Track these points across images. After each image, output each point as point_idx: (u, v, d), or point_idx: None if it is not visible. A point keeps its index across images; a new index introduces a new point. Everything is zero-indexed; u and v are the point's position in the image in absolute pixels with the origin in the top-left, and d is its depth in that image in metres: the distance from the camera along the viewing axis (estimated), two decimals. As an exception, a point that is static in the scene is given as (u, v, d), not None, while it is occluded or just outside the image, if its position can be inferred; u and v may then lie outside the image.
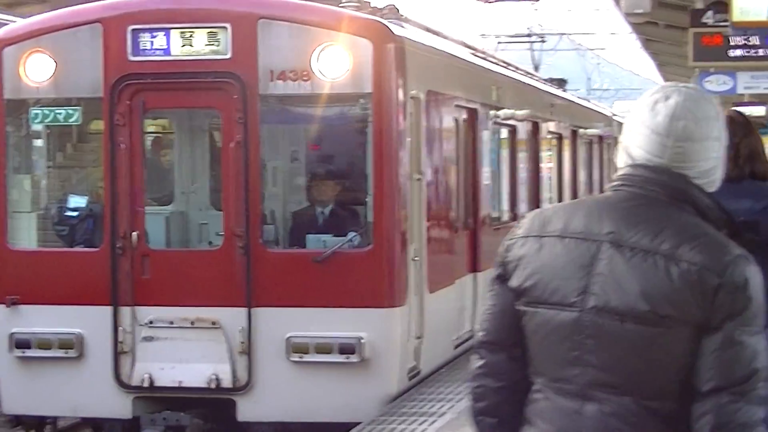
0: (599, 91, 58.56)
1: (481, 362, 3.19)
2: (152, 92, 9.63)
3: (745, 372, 2.77)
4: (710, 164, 3.01)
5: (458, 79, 12.68)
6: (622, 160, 3.11)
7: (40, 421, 10.10)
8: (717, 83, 18.90)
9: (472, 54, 14.58)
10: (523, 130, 16.27)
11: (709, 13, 16.74)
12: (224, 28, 9.30)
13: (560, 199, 19.24)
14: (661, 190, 2.94)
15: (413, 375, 9.98)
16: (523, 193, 16.33)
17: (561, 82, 24.20)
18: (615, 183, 3.05)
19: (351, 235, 9.64)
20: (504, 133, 15.34)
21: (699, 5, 17.95)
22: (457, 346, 11.67)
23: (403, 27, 10.81)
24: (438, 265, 10.82)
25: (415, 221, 10.11)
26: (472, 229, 12.70)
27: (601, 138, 24.71)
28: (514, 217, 15.13)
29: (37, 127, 10.43)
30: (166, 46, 9.42)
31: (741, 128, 4.85)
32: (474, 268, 12.57)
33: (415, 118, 10.16)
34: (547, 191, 18.80)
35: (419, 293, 10.06)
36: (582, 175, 22.80)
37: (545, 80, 23.17)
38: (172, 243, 10.32)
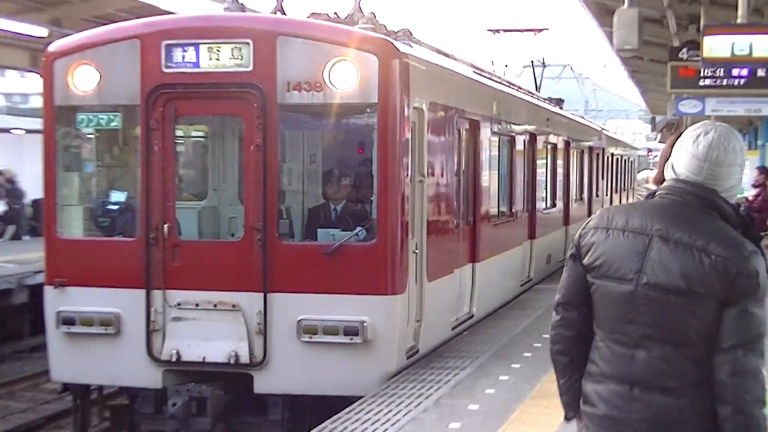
0: (594, 111, 63.88)
1: (558, 317, 4.16)
2: (183, 100, 10.26)
3: (755, 334, 3.74)
4: (732, 183, 3.95)
5: (460, 93, 13.24)
6: (668, 175, 4.08)
7: (84, 389, 10.99)
8: (689, 106, 21.33)
9: (476, 73, 15.31)
10: (521, 139, 17.41)
11: (684, 50, 19.30)
12: (247, 43, 9.93)
13: (554, 199, 21.18)
14: (696, 200, 3.91)
15: (412, 354, 10.65)
16: (519, 194, 17.27)
17: (558, 101, 26.02)
18: (662, 192, 4.03)
19: (357, 230, 10.18)
20: (504, 141, 16.26)
21: (676, 44, 20.91)
22: (454, 327, 12.56)
23: (411, 46, 11.39)
24: (437, 257, 11.46)
25: (416, 218, 10.74)
26: (472, 225, 13.47)
27: (591, 148, 26.60)
28: (512, 214, 16.57)
29: (84, 130, 11.15)
30: (195, 60, 10.04)
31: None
32: (473, 259, 13.41)
33: (418, 126, 10.73)
34: (542, 193, 19.91)
35: (419, 282, 10.75)
36: (574, 179, 24.30)
37: (544, 99, 24.72)
38: (204, 234, 11.05)
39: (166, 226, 10.07)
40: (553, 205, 21.42)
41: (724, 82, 18.03)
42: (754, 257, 3.84)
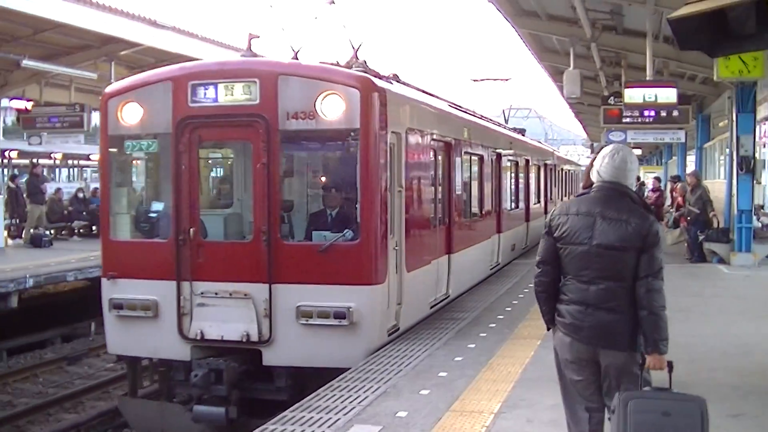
0: (551, 139, 70.40)
1: (539, 270, 6.10)
2: (205, 128, 11.32)
3: (657, 268, 5.67)
4: (632, 180, 5.97)
5: (435, 121, 14.37)
6: (595, 178, 6.01)
7: (133, 360, 12.07)
8: (616, 136, 23.86)
9: (450, 106, 16.82)
10: (489, 157, 19.25)
11: (612, 98, 23.09)
12: (255, 82, 11.04)
13: (516, 203, 23.93)
14: (615, 192, 5.88)
15: (394, 331, 11.64)
16: (488, 199, 19.06)
17: (521, 130, 28.78)
18: (595, 189, 5.99)
19: (345, 232, 11.04)
20: (474, 159, 17.93)
21: (606, 93, 25.32)
22: (432, 306, 13.77)
23: (391, 83, 12.42)
24: (415, 252, 12.43)
25: (395, 221, 11.66)
26: (447, 224, 14.73)
27: (546, 164, 30.48)
28: (482, 215, 18.52)
29: (133, 154, 12.46)
30: (214, 96, 11.18)
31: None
32: (449, 251, 14.72)
33: (397, 147, 11.73)
34: (507, 197, 22.13)
35: (399, 272, 11.72)
36: (532, 187, 27.08)
37: (510, 128, 27.68)
38: (229, 236, 11.89)
39: (191, 229, 11.20)
40: (516, 206, 24.10)
41: (639, 120, 21.59)
42: (655, 223, 5.84)
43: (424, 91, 15.19)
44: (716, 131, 30.79)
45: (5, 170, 37.49)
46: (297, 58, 12.35)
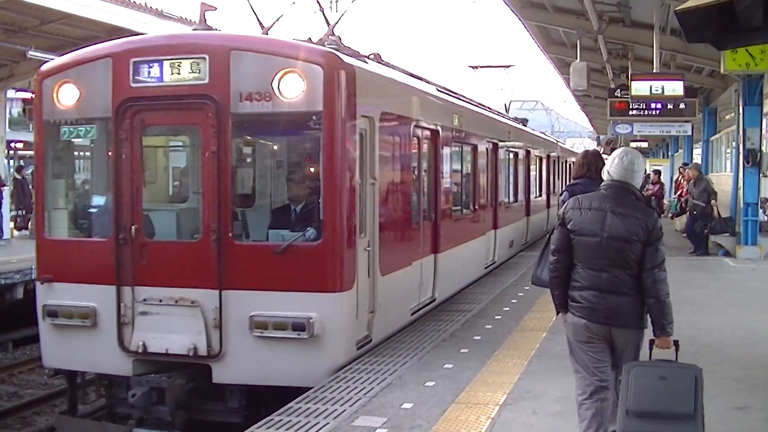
0: (558, 132, 70.45)
1: (554, 257, 6.65)
2: (148, 112, 10.01)
3: (661, 260, 6.29)
4: (638, 180, 6.62)
5: (418, 106, 13.05)
6: (606, 177, 6.63)
7: (72, 373, 10.78)
8: (622, 128, 25.56)
9: (439, 90, 15.39)
10: (483, 147, 18.10)
11: (618, 90, 23.26)
12: (204, 58, 9.72)
13: (516, 196, 22.92)
14: (623, 190, 6.49)
15: (365, 343, 10.37)
16: (482, 192, 17.91)
17: (523, 120, 28.41)
18: (606, 186, 6.58)
19: (306, 230, 9.79)
20: (465, 149, 16.69)
21: (613, 86, 25.28)
22: (414, 312, 12.50)
23: (366, 62, 11.36)
24: (391, 253, 11.24)
25: (368, 218, 10.47)
26: (434, 221, 13.54)
27: (549, 156, 30.20)
28: (475, 210, 17.28)
29: (68, 141, 10.94)
30: (159, 75, 9.87)
31: (594, 156, 9.22)
32: (435, 250, 13.52)
33: (369, 133, 10.51)
34: (504, 191, 20.95)
35: (372, 276, 10.52)
36: (534, 180, 26.32)
37: (510, 118, 26.81)
38: (183, 234, 10.62)
39: (133, 227, 9.95)
40: (516, 200, 23.00)
41: (646, 112, 21.82)
42: (657, 219, 6.55)
43: (411, 74, 14.12)
44: (723, 124, 30.81)
45: (11, 161, 37.52)
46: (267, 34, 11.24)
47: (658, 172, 30.79)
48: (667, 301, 6.42)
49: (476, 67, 34.69)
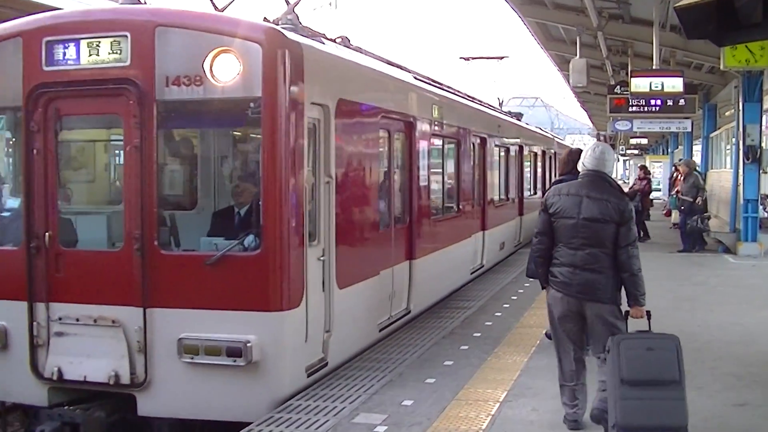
0: (558, 129, 70.79)
1: (537, 239, 7.50)
2: (64, 100, 8.62)
3: (634, 237, 7.20)
4: (610, 169, 7.45)
5: (387, 93, 11.75)
6: (581, 168, 7.46)
7: None
8: (622, 125, 25.84)
9: (417, 78, 13.95)
10: (469, 141, 16.58)
11: (618, 87, 23.29)
12: (125, 36, 8.38)
13: (507, 194, 21.60)
14: (597, 177, 7.33)
15: (318, 368, 9.03)
16: (468, 191, 16.53)
17: (518, 114, 27.70)
18: (582, 175, 7.42)
19: (242, 237, 8.43)
20: (448, 143, 15.24)
21: (612, 82, 25.52)
22: (384, 328, 11.18)
23: (323, 43, 10.00)
24: (351, 262, 9.87)
25: (322, 223, 9.17)
26: (408, 224, 12.26)
27: (545, 152, 29.18)
28: (459, 210, 15.85)
29: None
30: (75, 56, 8.52)
31: (578, 154, 8.68)
32: (410, 256, 12.21)
33: (324, 124, 9.24)
34: (495, 189, 19.61)
35: (328, 289, 9.25)
36: (529, 176, 25.49)
37: (503, 111, 25.59)
38: (114, 242, 8.97)
39: (47, 234, 8.62)
40: (507, 199, 21.59)
41: (645, 109, 21.83)
42: (628, 202, 7.43)
43: (388, 62, 12.91)
44: (723, 120, 30.85)
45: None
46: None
47: (644, 168, 30.77)
48: (639, 275, 7.23)
49: (468, 59, 33.22)
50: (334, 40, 11.07)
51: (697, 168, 25.69)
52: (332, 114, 9.38)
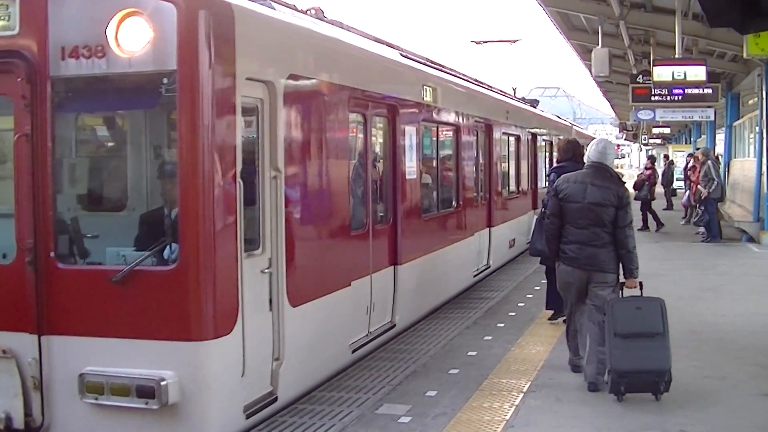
0: (580, 119, 70.51)
1: (549, 220, 8.92)
2: None
3: (630, 220, 8.62)
4: (611, 161, 8.96)
5: (361, 71, 9.99)
6: (587, 160, 8.96)
7: None
8: (645, 114, 26.15)
9: (404, 56, 12.30)
10: (472, 129, 14.95)
11: (640, 76, 23.75)
12: None
13: (518, 187, 20.25)
14: (600, 168, 8.74)
15: (263, 406, 7.42)
16: (470, 184, 14.95)
17: (533, 101, 27.21)
18: (587, 166, 8.89)
19: (154, 248, 6.81)
20: (443, 131, 13.78)
21: (634, 72, 26.01)
22: (357, 349, 9.58)
23: (272, 8, 8.42)
24: (310, 273, 8.29)
25: (267, 226, 7.53)
26: (391, 224, 10.72)
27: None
28: (459, 206, 14.18)
29: None
30: None
31: (575, 144, 11.46)
32: (394, 261, 10.70)
33: (269, 105, 7.57)
34: (501, 182, 17.99)
35: (277, 309, 7.60)
36: (543, 167, 23.84)
37: (517, 98, 24.58)
38: (4, 251, 7.21)
39: None
40: (518, 192, 20.19)
41: (668, 98, 21.88)
42: (626, 190, 8.74)
43: (377, 40, 11.55)
44: (746, 109, 30.52)
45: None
46: None
47: (652, 158, 30.53)
48: (634, 251, 8.56)
49: (480, 42, 32.04)
50: (306, 11, 9.76)
51: (719, 156, 25.39)
52: (280, 93, 7.72)
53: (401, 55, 12.25)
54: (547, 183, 23.08)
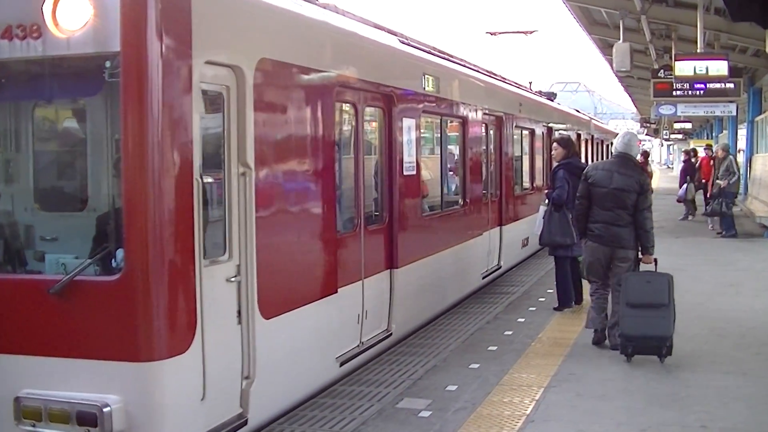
0: (601, 114, 70.57)
1: (578, 202, 10.06)
2: None
3: (649, 204, 9.85)
4: (635, 152, 10.24)
5: (348, 56, 9.05)
6: (614, 149, 10.10)
7: None
8: (666, 109, 26.22)
9: (403, 42, 11.32)
10: (480, 122, 14.14)
11: (662, 71, 23.75)
12: None
13: (532, 183, 19.19)
14: (625, 158, 9.94)
15: (237, 427, 6.66)
16: (480, 180, 14.18)
17: (551, 95, 26.98)
18: (614, 156, 10.05)
19: (96, 255, 6.13)
20: (448, 124, 13.08)
21: (656, 67, 25.67)
22: (346, 361, 8.82)
23: None
24: (287, 280, 7.55)
25: (234, 229, 6.71)
26: (387, 224, 9.97)
27: (579, 135, 25.95)
28: (465, 204, 13.36)
29: None
30: None
31: (569, 140, 12.85)
32: (391, 265, 9.98)
33: (237, 92, 6.74)
34: (515, 179, 17.24)
35: (248, 321, 6.83)
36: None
37: (534, 92, 24.03)
38: None
39: None
40: (533, 188, 19.18)
41: (689, 93, 21.86)
42: (647, 178, 10.00)
43: (376, 26, 10.77)
44: (768, 104, 30.51)
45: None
46: None
47: (645, 154, 30.35)
48: (651, 231, 9.69)
49: (495, 33, 31.72)
50: None
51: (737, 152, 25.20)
52: (249, 80, 6.85)
53: (400, 41, 11.30)
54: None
